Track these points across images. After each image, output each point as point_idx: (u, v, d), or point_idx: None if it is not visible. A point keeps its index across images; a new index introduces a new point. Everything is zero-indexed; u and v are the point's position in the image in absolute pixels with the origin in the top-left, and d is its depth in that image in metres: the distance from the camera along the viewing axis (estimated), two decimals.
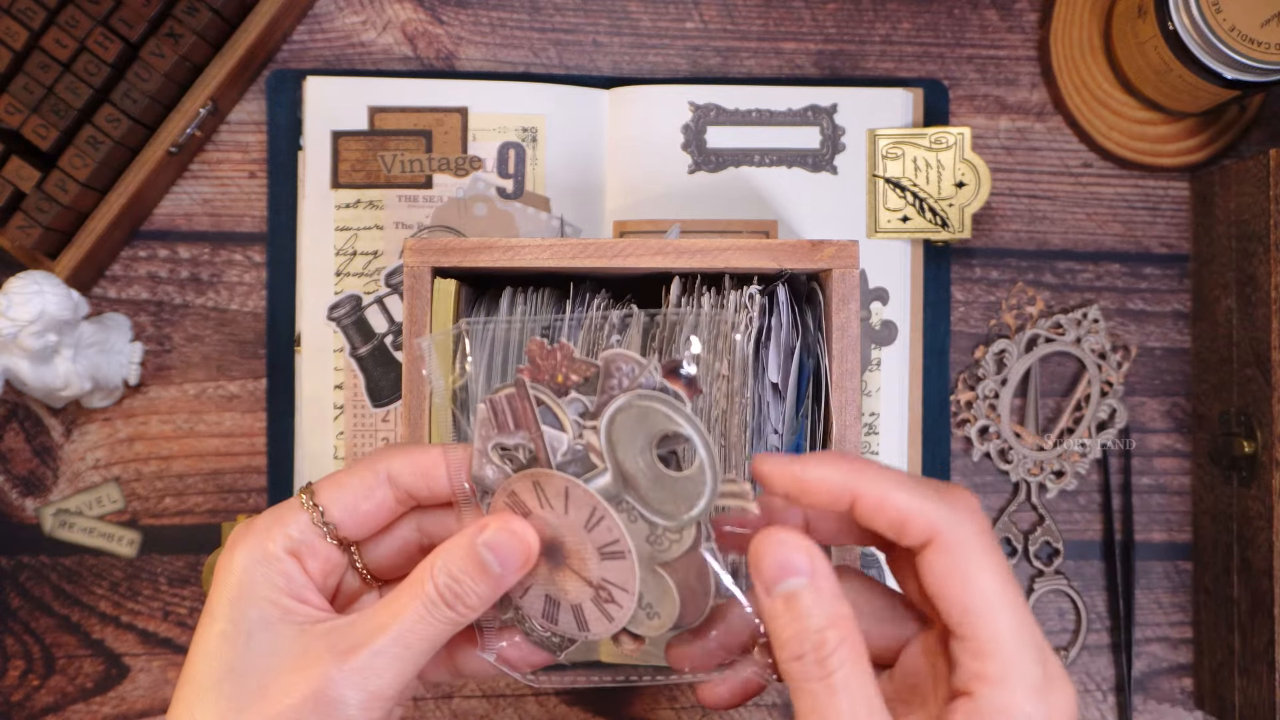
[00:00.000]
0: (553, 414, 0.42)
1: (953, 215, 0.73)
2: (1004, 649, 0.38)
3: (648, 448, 0.41)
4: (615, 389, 0.41)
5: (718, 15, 0.76)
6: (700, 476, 0.40)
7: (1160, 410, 0.76)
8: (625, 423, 0.41)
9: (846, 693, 0.38)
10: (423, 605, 0.42)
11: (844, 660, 0.38)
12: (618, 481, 0.41)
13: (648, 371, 0.41)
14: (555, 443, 0.41)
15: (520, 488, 0.42)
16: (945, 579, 0.39)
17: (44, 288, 0.66)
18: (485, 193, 0.73)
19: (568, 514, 0.41)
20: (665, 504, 0.41)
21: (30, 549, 0.73)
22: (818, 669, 0.38)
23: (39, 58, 0.69)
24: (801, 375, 0.56)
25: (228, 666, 0.41)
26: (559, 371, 0.42)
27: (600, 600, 0.42)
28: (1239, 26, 0.65)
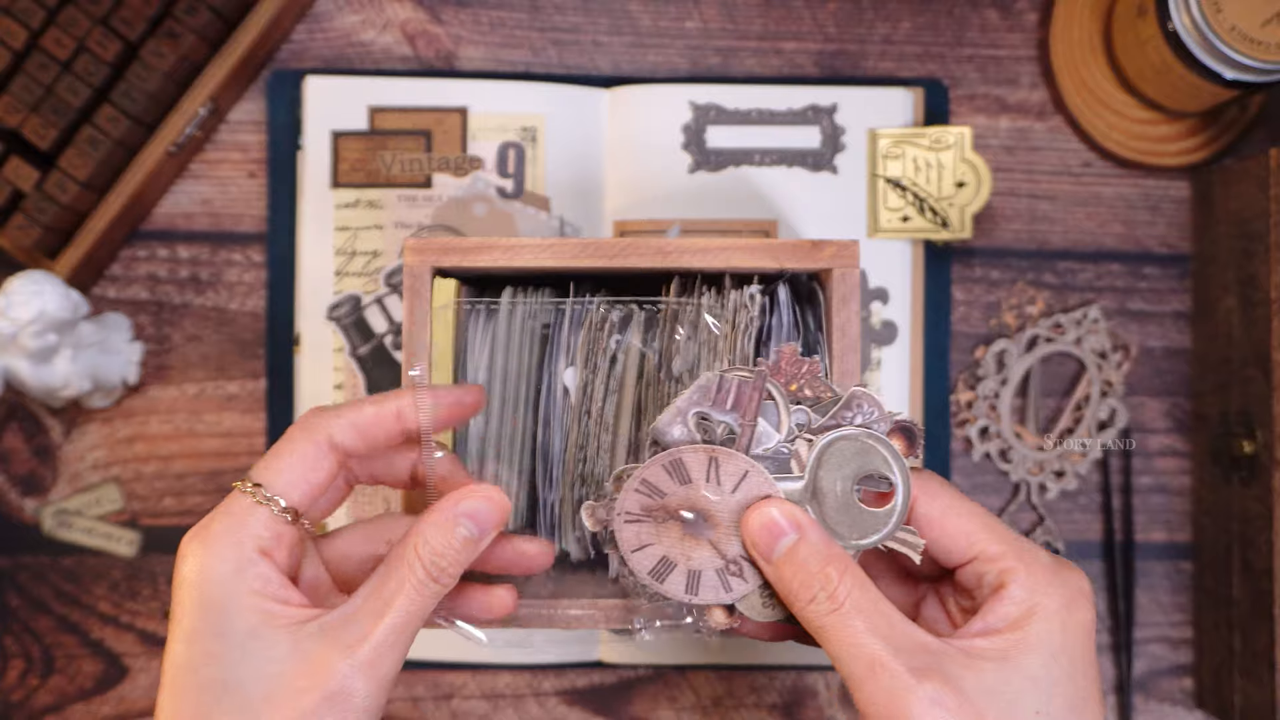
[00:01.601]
0: (776, 413, 0.45)
1: (953, 215, 0.73)
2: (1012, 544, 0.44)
3: (851, 478, 0.45)
4: (848, 421, 0.45)
5: (718, 15, 0.76)
6: (887, 518, 0.45)
7: (1160, 410, 0.75)
8: (844, 449, 0.45)
9: (861, 613, 0.42)
10: (413, 587, 0.43)
11: (850, 588, 0.42)
12: (807, 492, 0.45)
13: (884, 420, 0.45)
14: (765, 437, 0.45)
15: (691, 458, 0.45)
16: (939, 519, 0.45)
17: (44, 288, 0.66)
18: (485, 192, 0.73)
19: (734, 494, 0.45)
20: (841, 525, 0.45)
21: (30, 549, 0.73)
22: (830, 603, 0.42)
23: (39, 57, 0.69)
24: None
25: (222, 684, 0.41)
26: (798, 382, 0.46)
27: (727, 573, 0.46)
28: (1239, 26, 0.65)
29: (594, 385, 0.55)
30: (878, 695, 0.41)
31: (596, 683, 0.74)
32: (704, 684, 0.74)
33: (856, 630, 0.42)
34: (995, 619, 0.43)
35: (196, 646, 0.42)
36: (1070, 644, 0.43)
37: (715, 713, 0.74)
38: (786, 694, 0.74)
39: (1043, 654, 0.42)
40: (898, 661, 0.41)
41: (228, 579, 0.42)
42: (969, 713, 0.40)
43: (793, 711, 0.74)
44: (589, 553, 0.57)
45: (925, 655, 0.41)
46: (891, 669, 0.41)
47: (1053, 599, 0.43)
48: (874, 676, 0.41)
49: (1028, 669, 0.42)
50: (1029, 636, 0.42)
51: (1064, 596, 0.43)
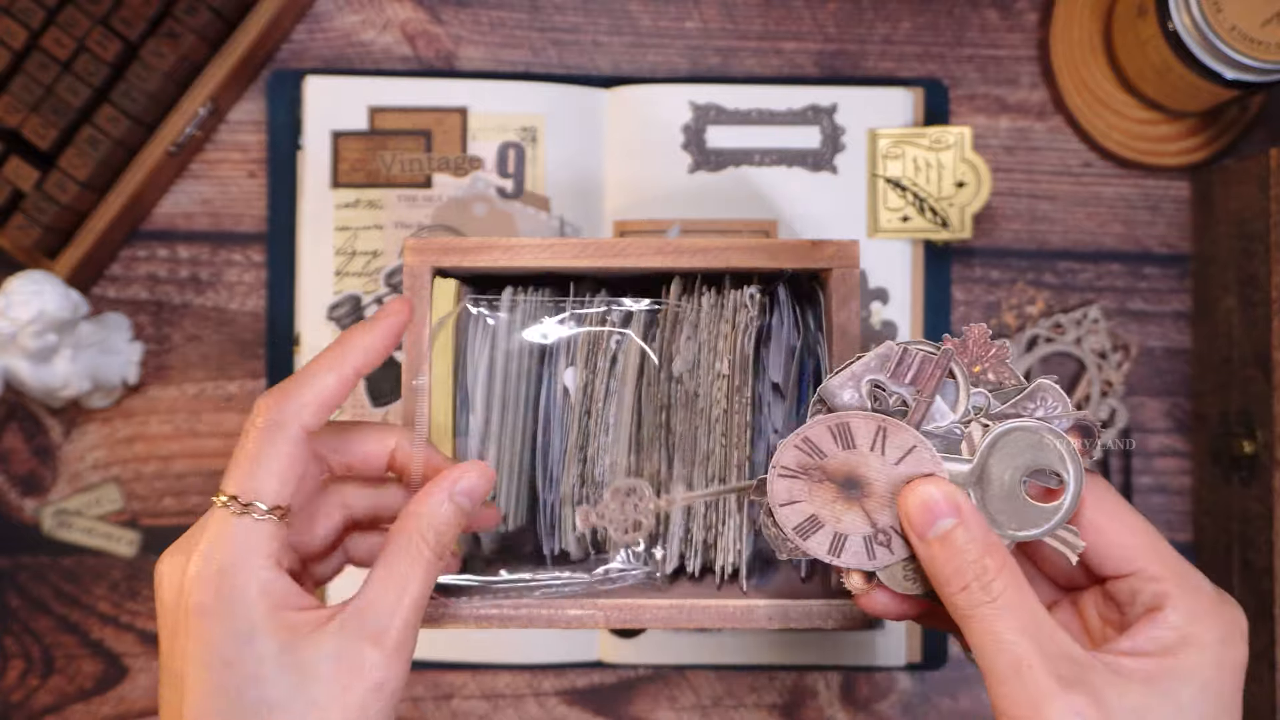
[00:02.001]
0: (955, 392, 0.44)
1: (953, 215, 0.73)
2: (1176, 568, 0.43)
3: (1022, 469, 0.44)
4: (1030, 412, 0.44)
5: (718, 15, 0.76)
6: (1052, 514, 0.44)
7: (1161, 410, 0.75)
8: (1020, 440, 0.44)
9: (1013, 610, 0.41)
10: (423, 568, 0.44)
11: (1006, 583, 0.41)
12: (973, 475, 0.44)
13: (1066, 416, 0.44)
14: (939, 414, 0.44)
15: (859, 425, 0.44)
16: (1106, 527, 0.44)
17: (43, 288, 0.66)
18: (485, 192, 0.73)
19: (898, 465, 0.44)
20: (1003, 514, 0.44)
21: (30, 549, 0.73)
22: (983, 594, 0.41)
23: (38, 57, 0.69)
24: (802, 375, 0.56)
25: (265, 703, 0.41)
26: (984, 364, 0.45)
27: (875, 541, 0.45)
28: (1239, 26, 0.65)
29: (594, 385, 0.55)
30: (1019, 696, 0.40)
31: (596, 683, 0.74)
32: (704, 684, 0.74)
33: (1007, 626, 0.41)
34: (1145, 641, 0.42)
35: (228, 672, 0.41)
36: (1222, 680, 0.42)
37: (715, 713, 0.74)
38: (786, 694, 0.74)
39: (1193, 685, 0.41)
40: (1044, 666, 0.40)
41: (250, 605, 0.42)
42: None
43: (793, 711, 0.74)
44: (589, 552, 0.57)
45: (1071, 664, 0.40)
46: (1038, 672, 0.40)
47: (1211, 631, 0.42)
48: (1018, 677, 0.40)
49: (1176, 697, 0.41)
50: (1182, 665, 0.41)
51: (1222, 630, 0.42)
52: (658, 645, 0.73)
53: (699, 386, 0.55)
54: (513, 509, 0.56)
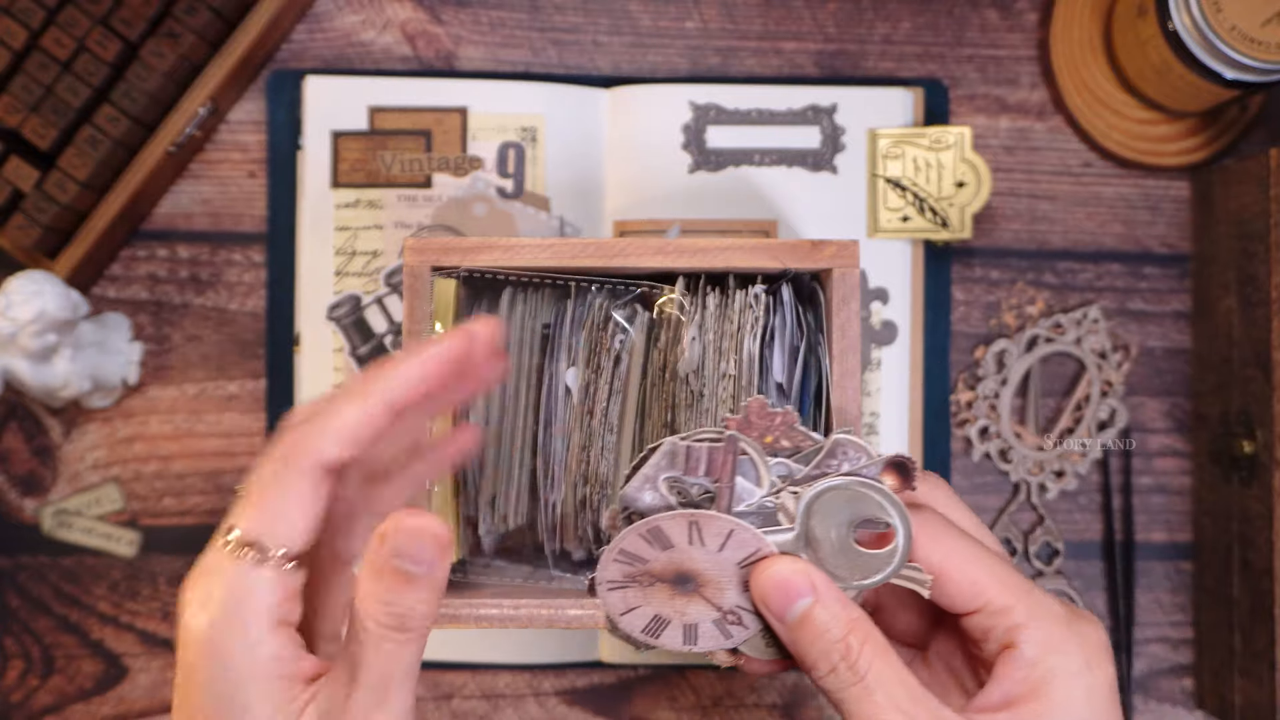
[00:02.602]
0: (754, 469, 0.43)
1: (953, 215, 0.73)
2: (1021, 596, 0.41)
3: (847, 525, 0.43)
4: (834, 469, 0.43)
5: (718, 15, 0.76)
6: (889, 558, 0.43)
7: (1160, 410, 0.75)
8: (834, 499, 0.43)
9: (882, 687, 0.40)
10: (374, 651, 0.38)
11: (871, 659, 0.40)
12: (799, 541, 0.43)
13: (873, 465, 0.43)
14: (745, 494, 0.43)
15: (669, 525, 0.43)
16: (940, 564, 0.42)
17: (43, 288, 0.66)
18: (485, 192, 0.73)
19: (721, 552, 0.43)
20: (841, 569, 0.43)
21: (29, 549, 0.73)
22: (850, 675, 0.40)
23: (38, 57, 0.68)
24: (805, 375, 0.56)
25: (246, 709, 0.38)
26: (772, 434, 0.44)
27: (726, 622, 0.44)
28: (1239, 26, 0.65)
29: (597, 385, 0.55)
30: None
31: (596, 683, 0.74)
32: (704, 684, 0.74)
33: (877, 705, 0.40)
34: (1012, 685, 0.41)
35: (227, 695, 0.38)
36: (1094, 707, 0.40)
37: (715, 713, 0.74)
38: (786, 694, 0.74)
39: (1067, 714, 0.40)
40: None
41: (240, 669, 0.38)
42: None
43: (792, 712, 0.74)
44: (590, 552, 0.57)
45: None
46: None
47: (1071, 658, 0.40)
48: None
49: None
50: (1054, 706, 0.40)
51: (1082, 655, 0.41)
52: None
53: (704, 386, 0.55)
54: (513, 509, 0.56)
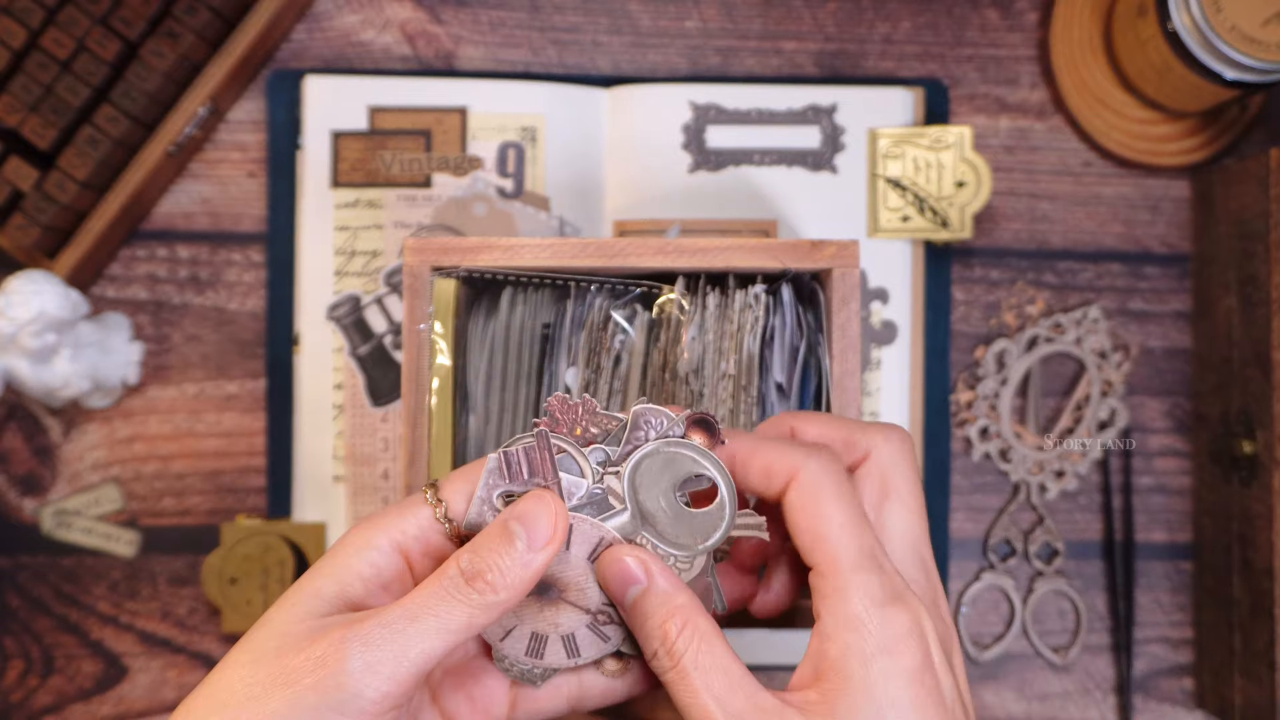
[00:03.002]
0: (574, 462, 0.43)
1: (953, 215, 0.73)
2: (843, 566, 0.40)
3: (670, 489, 0.43)
4: (642, 440, 0.43)
5: (718, 14, 0.76)
6: (719, 513, 0.43)
7: (1161, 410, 0.75)
8: (651, 468, 0.43)
9: (698, 670, 0.40)
10: (440, 582, 0.40)
11: (688, 642, 0.40)
12: (635, 520, 0.43)
13: (676, 424, 0.44)
14: (573, 488, 0.43)
15: None
16: (801, 512, 0.42)
17: (43, 287, 0.66)
18: (485, 192, 0.73)
19: (569, 549, 0.43)
20: (682, 537, 0.43)
21: (29, 549, 0.73)
22: (668, 659, 0.40)
23: (38, 57, 0.68)
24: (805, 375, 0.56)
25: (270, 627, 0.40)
26: (579, 424, 0.44)
27: (598, 624, 0.44)
28: (1239, 26, 0.65)
29: (597, 385, 0.55)
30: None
31: None
32: None
33: (691, 689, 0.40)
34: (816, 657, 0.40)
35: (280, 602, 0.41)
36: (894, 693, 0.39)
37: None
38: None
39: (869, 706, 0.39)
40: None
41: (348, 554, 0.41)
42: None
43: None
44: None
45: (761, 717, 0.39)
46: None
47: (867, 640, 0.39)
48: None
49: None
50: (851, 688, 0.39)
51: (881, 637, 0.40)
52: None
53: (704, 386, 0.55)
54: None
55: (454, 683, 0.44)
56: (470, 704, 0.44)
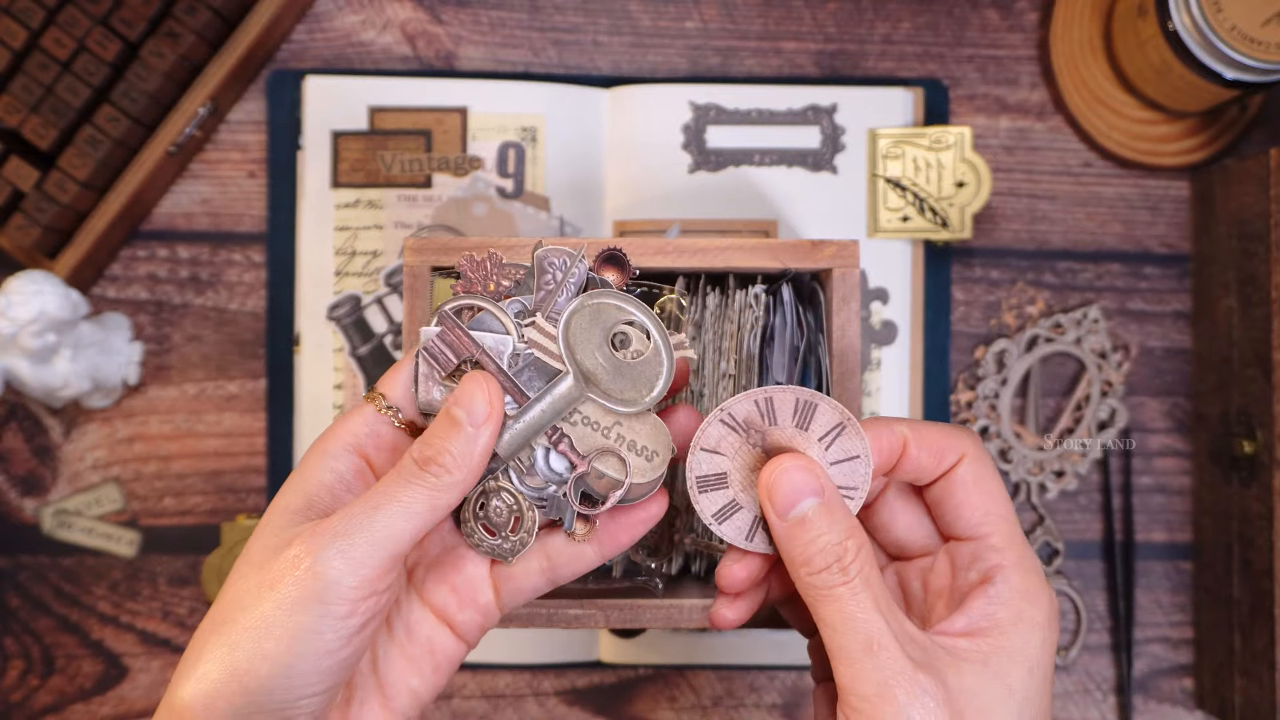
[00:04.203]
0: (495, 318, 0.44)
1: (953, 215, 0.73)
2: (1018, 545, 0.44)
3: (604, 343, 0.43)
4: (550, 284, 0.44)
5: (718, 15, 0.76)
6: (657, 354, 0.43)
7: (1160, 410, 0.75)
8: (580, 325, 0.43)
9: (869, 589, 0.41)
10: (398, 471, 0.42)
11: (863, 564, 0.42)
12: (579, 383, 0.43)
13: (578, 261, 0.43)
14: (501, 346, 0.44)
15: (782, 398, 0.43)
16: (974, 486, 0.44)
17: (43, 288, 0.66)
18: (485, 192, 0.73)
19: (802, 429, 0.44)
20: (628, 391, 0.44)
21: (30, 549, 0.73)
22: (841, 575, 0.42)
23: (38, 57, 0.68)
24: (805, 375, 0.56)
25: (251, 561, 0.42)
26: (490, 279, 0.44)
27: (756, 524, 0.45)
28: (1239, 26, 0.65)
29: None
30: (870, 676, 0.40)
31: (596, 683, 0.74)
32: (704, 684, 0.74)
33: (861, 606, 0.41)
34: (978, 617, 0.43)
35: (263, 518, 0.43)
36: (1045, 662, 0.42)
37: (715, 713, 0.74)
38: (786, 694, 0.74)
39: (1022, 666, 0.42)
40: (897, 646, 0.41)
41: (306, 467, 0.43)
42: (950, 711, 0.40)
43: (792, 712, 0.74)
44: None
45: (916, 646, 0.41)
46: (890, 651, 0.40)
47: (1040, 611, 0.43)
48: (869, 656, 0.40)
49: (1007, 678, 0.42)
50: (1012, 646, 0.42)
51: (1047, 611, 0.43)
52: (658, 645, 0.73)
53: (704, 386, 0.55)
54: None
55: (436, 576, 0.46)
56: (455, 594, 0.46)
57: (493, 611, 0.46)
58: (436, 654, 0.45)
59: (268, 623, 0.39)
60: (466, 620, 0.46)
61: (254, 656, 0.39)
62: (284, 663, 0.39)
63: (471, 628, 0.46)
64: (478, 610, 0.46)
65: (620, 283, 0.44)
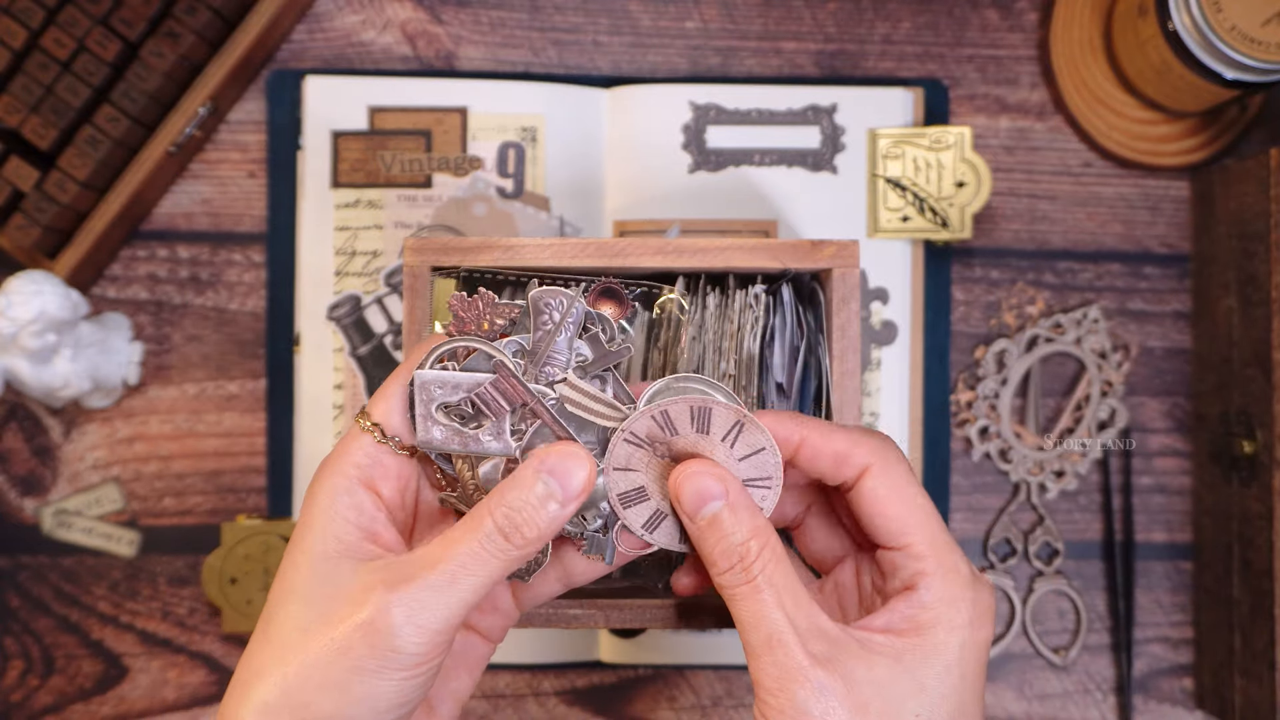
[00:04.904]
0: (488, 358, 0.44)
1: (953, 215, 0.73)
2: (940, 549, 0.44)
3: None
4: (548, 324, 0.44)
5: (718, 15, 0.76)
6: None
7: (1160, 410, 0.75)
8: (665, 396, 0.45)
9: (771, 589, 0.42)
10: (478, 539, 0.42)
11: (766, 562, 0.43)
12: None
13: (576, 301, 0.44)
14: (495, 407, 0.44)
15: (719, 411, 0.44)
16: (885, 498, 0.44)
17: (43, 288, 0.66)
18: (485, 192, 0.73)
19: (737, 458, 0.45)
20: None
21: (30, 549, 0.73)
22: (744, 575, 0.43)
23: (38, 57, 0.68)
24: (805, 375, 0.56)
25: (299, 595, 0.42)
26: (483, 319, 0.44)
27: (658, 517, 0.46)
28: (1239, 26, 0.65)
29: None
30: (770, 670, 0.42)
31: (596, 683, 0.74)
32: (704, 684, 0.74)
33: (764, 603, 0.42)
34: (898, 619, 0.43)
35: (289, 558, 0.43)
36: (965, 660, 0.43)
37: (715, 713, 0.74)
38: None
39: (938, 665, 0.43)
40: (795, 642, 0.42)
41: (329, 504, 0.43)
42: (853, 702, 0.41)
43: None
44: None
45: (823, 642, 0.42)
46: (788, 648, 0.41)
47: (960, 614, 0.43)
48: (770, 651, 0.42)
49: (920, 676, 0.42)
50: (927, 644, 0.43)
51: (970, 613, 0.44)
52: (658, 645, 0.73)
53: None
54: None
55: None
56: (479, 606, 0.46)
57: (513, 612, 0.49)
58: (469, 657, 0.48)
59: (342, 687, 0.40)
60: (490, 624, 0.48)
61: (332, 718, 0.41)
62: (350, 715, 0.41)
63: (495, 629, 0.48)
64: (499, 614, 0.48)
65: (618, 316, 0.45)
